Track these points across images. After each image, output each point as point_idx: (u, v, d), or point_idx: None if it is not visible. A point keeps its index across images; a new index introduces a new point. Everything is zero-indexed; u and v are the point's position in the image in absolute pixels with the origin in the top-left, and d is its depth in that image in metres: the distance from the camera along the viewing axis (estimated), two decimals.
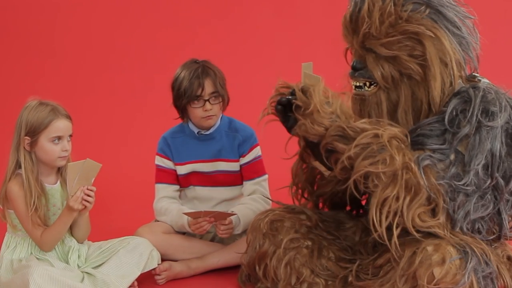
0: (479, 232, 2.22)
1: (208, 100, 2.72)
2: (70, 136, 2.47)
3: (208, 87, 2.72)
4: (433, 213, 2.15)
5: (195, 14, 4.38)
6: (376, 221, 2.13)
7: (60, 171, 2.53)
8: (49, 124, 2.42)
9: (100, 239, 2.62)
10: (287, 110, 2.34)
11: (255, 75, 4.20)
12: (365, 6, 2.25)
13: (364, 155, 2.13)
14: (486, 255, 2.13)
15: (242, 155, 2.84)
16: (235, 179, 2.86)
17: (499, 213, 2.26)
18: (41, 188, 2.45)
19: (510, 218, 2.32)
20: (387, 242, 2.13)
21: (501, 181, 2.21)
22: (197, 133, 2.83)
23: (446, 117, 2.20)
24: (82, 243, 2.57)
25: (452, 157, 2.18)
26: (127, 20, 4.48)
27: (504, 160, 2.21)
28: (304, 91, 2.26)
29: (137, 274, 2.52)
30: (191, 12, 4.39)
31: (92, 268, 2.49)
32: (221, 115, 2.83)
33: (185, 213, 2.67)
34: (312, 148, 2.43)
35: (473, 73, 2.34)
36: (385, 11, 2.22)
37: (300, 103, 2.25)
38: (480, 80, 2.30)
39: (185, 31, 4.34)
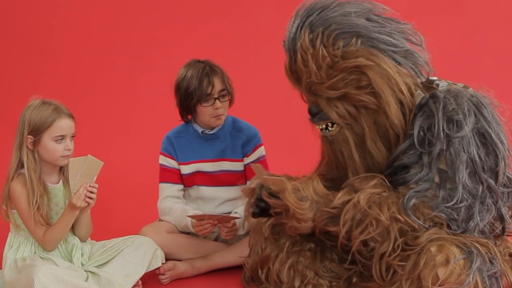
0: (483, 233, 2.23)
1: (218, 98, 2.72)
2: (73, 135, 2.48)
3: (218, 85, 2.72)
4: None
5: (195, 13, 4.37)
6: (377, 276, 2.16)
7: (62, 171, 2.53)
8: (52, 123, 2.42)
9: (104, 238, 2.62)
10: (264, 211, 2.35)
11: (256, 74, 4.19)
12: (299, 57, 2.23)
13: (354, 227, 2.16)
14: (491, 254, 2.14)
15: (246, 155, 2.84)
16: (239, 178, 2.86)
17: (499, 208, 2.26)
18: (44, 187, 2.46)
19: (509, 210, 2.33)
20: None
21: (491, 181, 2.21)
22: (201, 132, 2.83)
23: (415, 139, 2.20)
24: (84, 241, 2.57)
25: (436, 179, 2.18)
26: (126, 19, 4.48)
27: (485, 160, 2.21)
28: (273, 196, 2.25)
29: (141, 273, 2.52)
30: (191, 10, 4.38)
31: (96, 267, 2.49)
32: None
33: (189, 216, 2.67)
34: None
35: (430, 78, 2.31)
36: (319, 56, 2.20)
37: (278, 209, 2.25)
38: (438, 85, 2.28)
39: (185, 29, 4.34)
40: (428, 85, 2.31)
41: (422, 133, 2.20)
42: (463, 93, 2.24)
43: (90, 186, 2.40)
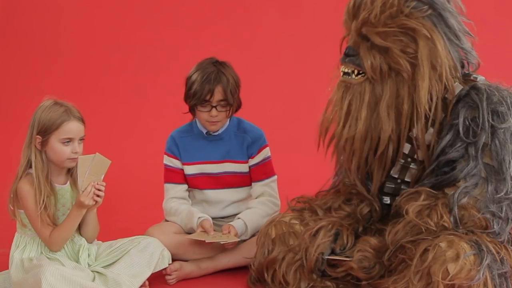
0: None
1: (215, 106, 2.70)
2: (82, 138, 2.47)
3: (218, 94, 2.69)
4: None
5: (200, 14, 4.37)
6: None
7: (70, 172, 2.52)
8: (60, 125, 2.41)
9: (110, 239, 2.61)
10: None
11: (261, 75, 4.19)
12: None
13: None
14: (502, 254, 2.13)
15: (251, 156, 2.82)
16: (244, 180, 2.84)
17: None
18: (51, 187, 2.45)
19: None
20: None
21: None
22: (206, 133, 2.82)
23: (460, 128, 2.21)
24: (91, 242, 2.56)
25: (483, 173, 2.19)
26: (131, 20, 4.48)
27: None
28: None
29: (148, 273, 2.51)
30: (195, 11, 4.38)
31: (103, 267, 2.48)
32: (228, 120, 2.81)
33: (189, 237, 2.66)
34: None
35: (468, 72, 2.33)
36: (388, 1, 2.22)
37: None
38: (476, 78, 2.30)
39: (189, 30, 4.34)
40: (466, 78, 2.31)
41: (467, 123, 2.21)
42: (502, 87, 2.27)
43: (98, 184, 2.40)
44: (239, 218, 2.72)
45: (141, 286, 2.50)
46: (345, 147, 2.33)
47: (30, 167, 2.43)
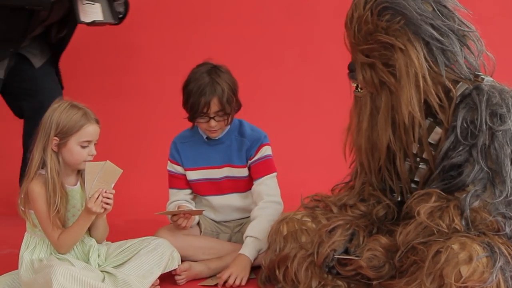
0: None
1: (213, 117, 2.69)
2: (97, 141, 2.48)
3: (214, 106, 2.67)
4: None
5: (206, 16, 4.37)
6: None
7: (80, 173, 2.51)
8: (81, 128, 2.42)
9: (120, 239, 2.60)
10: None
11: (265, 76, 4.19)
12: (349, 13, 2.30)
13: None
14: None
15: (249, 158, 2.79)
16: (245, 184, 2.82)
17: None
18: (64, 189, 2.45)
19: None
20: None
21: None
22: (206, 138, 2.80)
23: (458, 131, 2.22)
24: (101, 243, 2.56)
25: (489, 176, 2.20)
26: (137, 22, 4.45)
27: None
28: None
29: (157, 274, 2.51)
30: (201, 13, 4.38)
31: (113, 267, 2.48)
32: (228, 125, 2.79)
33: (161, 213, 2.67)
34: None
35: (476, 72, 2.33)
36: (363, 19, 2.25)
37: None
38: (483, 79, 2.30)
39: (195, 32, 4.33)
40: (474, 79, 2.31)
41: (465, 125, 2.21)
42: (507, 89, 2.27)
43: (106, 192, 2.40)
44: (248, 237, 2.67)
45: (152, 286, 2.50)
46: (362, 156, 2.40)
47: (42, 168, 2.43)
